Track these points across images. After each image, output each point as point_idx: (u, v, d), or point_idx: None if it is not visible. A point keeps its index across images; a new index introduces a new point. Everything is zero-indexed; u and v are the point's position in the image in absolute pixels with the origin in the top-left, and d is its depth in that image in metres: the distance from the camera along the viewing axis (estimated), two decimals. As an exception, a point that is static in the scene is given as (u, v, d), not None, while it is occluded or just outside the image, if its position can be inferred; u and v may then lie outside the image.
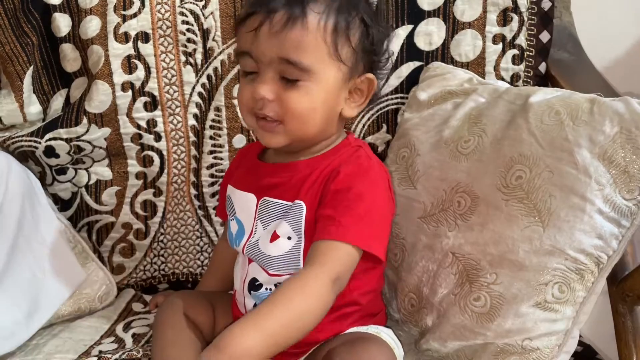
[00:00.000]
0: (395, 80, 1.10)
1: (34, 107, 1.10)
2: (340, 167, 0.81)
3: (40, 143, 1.08)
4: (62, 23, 1.07)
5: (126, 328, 1.02)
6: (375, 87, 0.84)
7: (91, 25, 1.07)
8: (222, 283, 1.02)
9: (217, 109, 1.12)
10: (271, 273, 0.84)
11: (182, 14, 1.08)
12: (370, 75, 0.83)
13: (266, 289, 0.85)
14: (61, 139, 1.08)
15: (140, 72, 1.10)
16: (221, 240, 1.06)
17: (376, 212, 0.81)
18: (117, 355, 0.90)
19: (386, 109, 1.12)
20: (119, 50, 1.08)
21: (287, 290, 0.74)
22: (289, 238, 0.82)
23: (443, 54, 1.10)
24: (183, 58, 1.10)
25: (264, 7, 0.76)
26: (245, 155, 0.95)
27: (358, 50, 0.80)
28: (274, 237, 0.82)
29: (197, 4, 1.08)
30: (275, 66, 0.77)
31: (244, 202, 0.88)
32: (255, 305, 0.86)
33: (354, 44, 0.80)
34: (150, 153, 1.13)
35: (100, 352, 0.93)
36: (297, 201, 0.82)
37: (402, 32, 1.09)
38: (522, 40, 1.10)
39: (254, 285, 0.86)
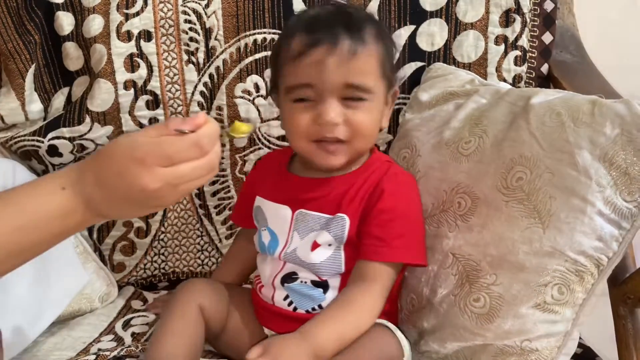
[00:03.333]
0: (396, 81, 1.10)
1: (35, 106, 1.10)
2: (383, 185, 0.86)
3: (43, 142, 1.08)
4: (65, 21, 1.07)
5: (125, 326, 1.02)
6: (396, 98, 0.92)
7: (94, 24, 1.07)
8: (239, 278, 1.04)
9: (219, 108, 1.12)
10: (323, 278, 0.88)
11: (184, 12, 1.08)
12: (397, 88, 0.92)
13: (301, 282, 0.89)
14: (64, 137, 1.09)
15: (142, 71, 1.10)
16: (238, 240, 1.08)
17: (418, 225, 0.89)
18: (115, 352, 0.90)
19: (388, 109, 1.12)
20: (121, 49, 1.08)
21: (346, 305, 0.83)
22: (330, 245, 0.87)
23: (445, 54, 1.10)
24: (185, 57, 1.10)
25: (326, 38, 0.81)
26: (269, 166, 0.96)
27: (393, 67, 0.89)
28: (315, 245, 0.87)
29: (199, 3, 1.08)
30: (339, 91, 0.82)
31: (277, 213, 0.91)
32: (287, 296, 0.89)
33: (391, 63, 0.88)
34: (152, 152, 1.12)
35: (99, 349, 0.93)
36: (339, 214, 0.87)
37: (404, 33, 1.09)
38: (524, 41, 1.10)
39: (290, 277, 0.89)
